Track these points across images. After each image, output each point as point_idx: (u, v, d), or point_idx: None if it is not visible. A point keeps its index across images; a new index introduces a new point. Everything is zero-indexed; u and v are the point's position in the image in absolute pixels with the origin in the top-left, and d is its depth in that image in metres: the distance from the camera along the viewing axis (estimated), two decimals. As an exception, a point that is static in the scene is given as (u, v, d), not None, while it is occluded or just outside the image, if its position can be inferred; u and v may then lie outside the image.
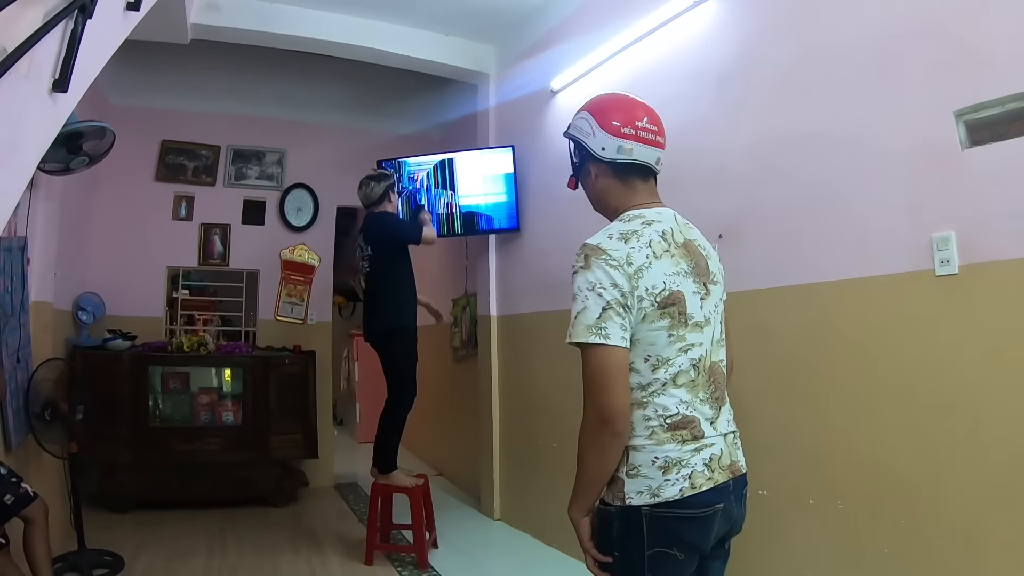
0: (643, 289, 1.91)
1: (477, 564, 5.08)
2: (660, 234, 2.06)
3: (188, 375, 6.42)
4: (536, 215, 5.59)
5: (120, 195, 6.76)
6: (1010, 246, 2.55)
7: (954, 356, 2.74)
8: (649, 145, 2.20)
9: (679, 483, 1.90)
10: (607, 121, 2.20)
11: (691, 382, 1.99)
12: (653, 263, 1.96)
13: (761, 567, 3.58)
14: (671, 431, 1.94)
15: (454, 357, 7.42)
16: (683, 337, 1.97)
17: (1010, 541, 2.56)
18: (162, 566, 4.76)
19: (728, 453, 2.09)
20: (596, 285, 1.95)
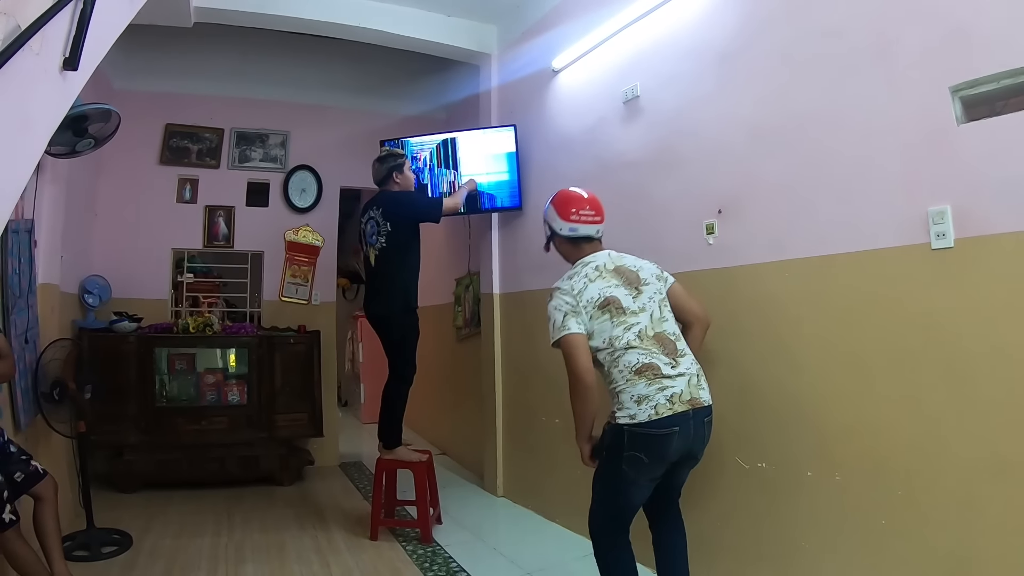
0: (584, 302, 3.15)
1: (480, 539, 5.13)
2: (594, 268, 3.28)
3: (194, 356, 6.46)
4: (538, 193, 5.59)
5: (124, 179, 6.80)
6: (1005, 220, 2.58)
7: (950, 329, 2.77)
8: (589, 223, 3.42)
9: (647, 411, 2.95)
10: (563, 212, 3.45)
11: (640, 345, 3.08)
12: (588, 285, 3.19)
13: (760, 538, 3.64)
14: (638, 375, 3.01)
15: (457, 336, 7.46)
16: (624, 321, 3.12)
17: (1006, 513, 2.60)
18: (170, 544, 4.82)
19: (689, 391, 3.05)
20: (558, 307, 3.19)
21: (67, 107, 2.62)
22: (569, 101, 5.26)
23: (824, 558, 3.31)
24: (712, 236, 3.91)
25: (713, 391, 3.72)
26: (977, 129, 2.69)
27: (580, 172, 5.02)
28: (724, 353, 3.83)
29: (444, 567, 4.49)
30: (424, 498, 5.04)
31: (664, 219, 4.26)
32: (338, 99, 7.67)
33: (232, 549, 4.80)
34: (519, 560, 4.57)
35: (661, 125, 4.31)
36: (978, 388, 2.69)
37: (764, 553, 3.63)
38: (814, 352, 3.35)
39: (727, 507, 3.81)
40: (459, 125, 6.48)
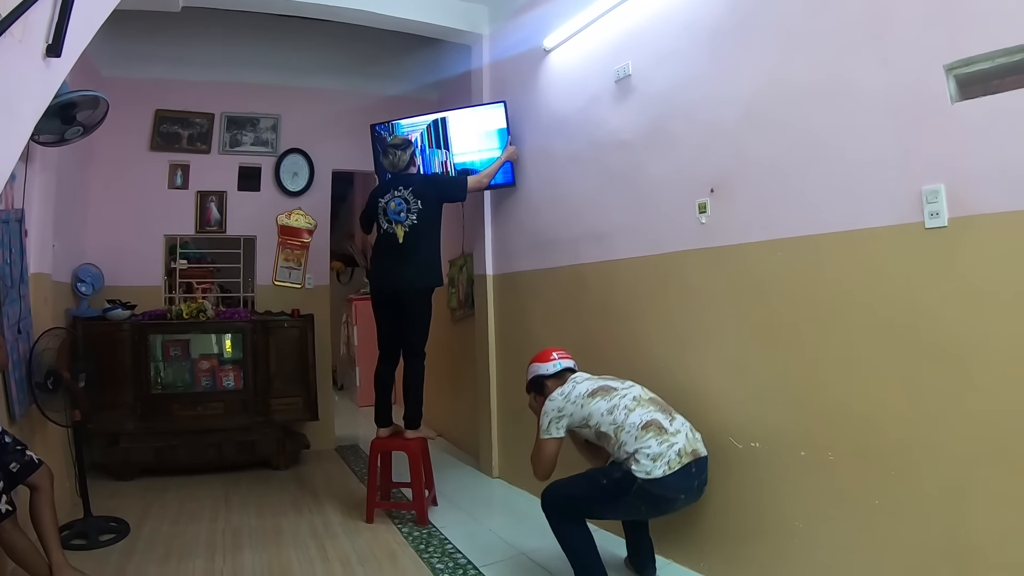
0: (574, 397, 3.69)
1: (476, 520, 5.15)
2: (584, 376, 3.86)
3: (188, 342, 6.44)
4: (531, 171, 5.62)
5: (115, 166, 6.76)
6: (999, 199, 2.57)
7: (944, 309, 2.76)
8: (567, 359, 4.05)
9: (663, 467, 3.32)
10: (545, 360, 4.01)
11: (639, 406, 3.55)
12: (577, 386, 3.74)
13: (752, 518, 3.65)
14: (645, 429, 3.42)
15: (452, 317, 7.45)
16: (618, 393, 3.65)
17: (999, 494, 2.61)
18: (167, 530, 4.83)
19: (688, 444, 3.45)
20: (546, 412, 3.72)
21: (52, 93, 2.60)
22: (561, 80, 5.23)
23: (817, 537, 3.32)
24: (704, 215, 3.89)
25: (705, 370, 3.76)
26: (971, 108, 2.66)
27: (572, 152, 5.02)
28: (716, 332, 3.84)
29: (440, 548, 4.52)
30: (419, 480, 5.06)
31: (656, 198, 4.24)
32: (329, 81, 7.62)
33: (229, 534, 4.82)
34: (515, 540, 4.59)
35: (653, 104, 4.28)
36: (971, 370, 2.68)
37: (757, 532, 3.64)
38: (806, 332, 3.34)
39: (720, 486, 3.80)
40: (451, 105, 6.45)
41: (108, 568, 4.09)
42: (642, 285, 4.38)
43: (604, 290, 4.72)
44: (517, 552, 4.41)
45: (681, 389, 4.03)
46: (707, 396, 3.90)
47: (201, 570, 4.18)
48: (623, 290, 4.54)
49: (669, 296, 4.17)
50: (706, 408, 3.90)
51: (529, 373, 4.03)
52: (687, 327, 4.04)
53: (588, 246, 4.87)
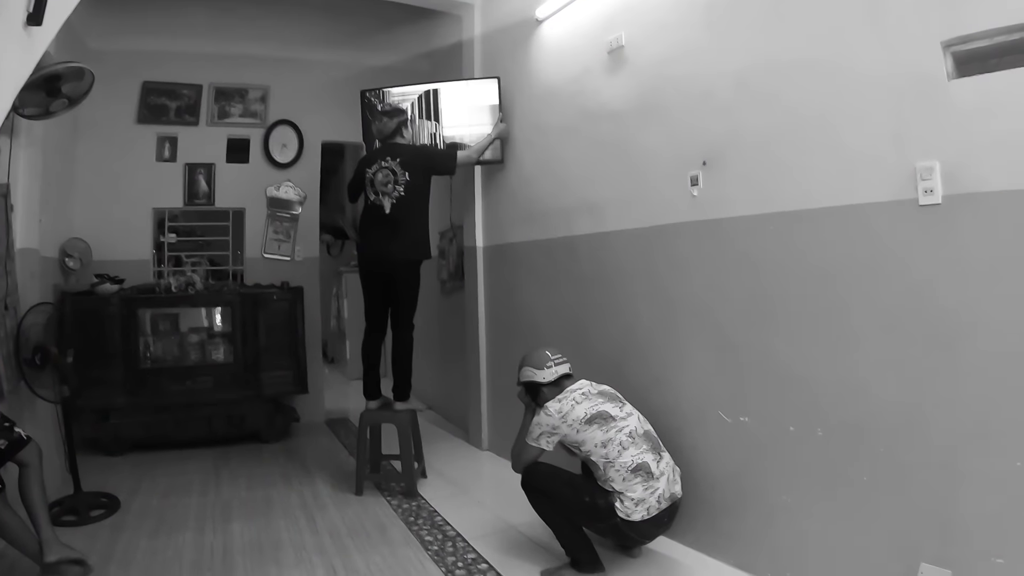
0: (570, 421, 3.59)
1: (465, 492, 5.18)
2: (581, 393, 3.72)
3: (177, 316, 6.44)
4: (522, 145, 5.57)
5: (102, 139, 6.70)
6: (993, 178, 2.56)
7: (936, 286, 2.76)
8: (563, 364, 3.88)
9: (642, 512, 3.44)
10: (541, 365, 3.84)
11: (633, 444, 3.55)
12: (575, 407, 3.63)
13: (740, 492, 3.68)
14: (634, 474, 3.48)
15: (441, 290, 7.46)
16: (615, 425, 3.58)
17: (986, 474, 2.63)
18: (157, 504, 4.84)
19: (667, 488, 3.54)
20: (539, 424, 3.67)
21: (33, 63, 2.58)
22: (553, 51, 5.17)
23: (805, 512, 3.34)
24: (696, 188, 3.86)
25: (695, 343, 3.75)
26: (968, 85, 2.64)
27: (564, 123, 4.98)
28: (706, 306, 3.83)
29: (429, 521, 4.54)
30: (409, 453, 5.07)
31: (648, 170, 4.21)
32: (318, 52, 7.53)
33: (219, 507, 4.84)
34: (503, 513, 4.62)
35: (646, 76, 4.24)
36: (961, 348, 2.69)
37: (745, 506, 3.66)
38: (797, 306, 3.33)
39: (709, 461, 3.83)
40: (442, 76, 6.40)
41: (99, 543, 4.09)
42: (634, 257, 4.36)
43: (595, 262, 4.70)
44: (506, 525, 4.43)
45: (671, 363, 4.05)
46: (697, 370, 3.90)
47: (191, 543, 4.20)
48: (615, 262, 4.52)
49: (660, 269, 4.15)
50: (696, 382, 3.91)
51: (523, 374, 3.91)
52: (678, 300, 4.02)
53: (579, 218, 4.84)
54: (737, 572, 3.66)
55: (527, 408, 3.94)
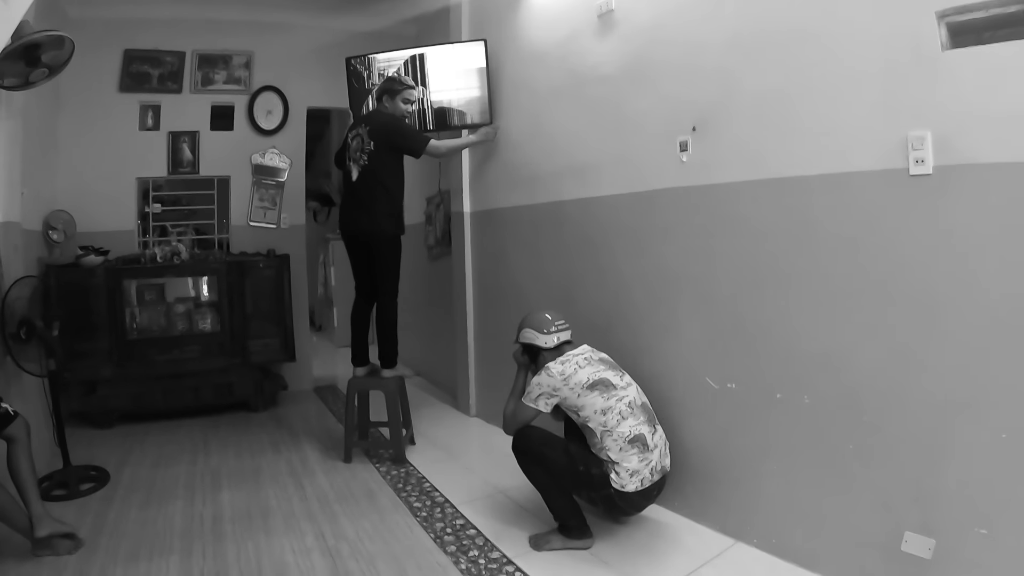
0: (572, 384, 3.55)
1: (453, 458, 5.20)
2: (583, 357, 3.67)
3: (163, 286, 6.40)
4: (510, 109, 5.53)
5: (84, 109, 6.60)
6: (985, 150, 2.55)
7: (925, 256, 2.77)
8: (565, 331, 3.84)
9: (636, 483, 3.43)
10: (545, 329, 3.81)
11: (631, 415, 3.52)
12: (578, 371, 3.57)
13: (727, 458, 3.70)
14: (631, 444, 3.45)
15: (429, 256, 7.44)
16: (615, 394, 3.54)
17: (972, 445, 2.65)
18: (147, 475, 4.85)
19: (659, 460, 3.56)
20: (539, 384, 3.61)
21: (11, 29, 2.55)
22: (541, 14, 5.09)
23: (791, 479, 3.37)
24: (685, 153, 3.83)
25: (684, 309, 3.75)
26: (962, 57, 2.62)
27: (552, 87, 4.93)
28: (694, 272, 3.83)
29: (417, 487, 4.56)
30: (396, 419, 5.08)
31: (638, 135, 4.18)
32: (303, 17, 7.40)
33: (208, 476, 4.85)
34: (491, 478, 4.64)
35: (636, 40, 4.18)
36: (948, 319, 2.70)
37: (731, 473, 3.70)
38: (786, 274, 3.33)
39: (696, 427, 3.85)
40: (428, 40, 6.33)
41: (89, 516, 4.10)
42: (622, 222, 4.34)
43: (584, 227, 4.68)
44: (494, 490, 4.46)
45: (659, 329, 4.06)
46: (685, 336, 3.90)
47: (181, 512, 4.21)
48: (603, 227, 4.50)
49: (649, 234, 4.13)
50: (684, 347, 3.91)
51: (523, 335, 3.87)
52: (667, 266, 4.01)
53: (568, 182, 4.81)
54: (723, 538, 3.69)
55: (520, 368, 3.95)
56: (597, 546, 3.65)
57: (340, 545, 3.75)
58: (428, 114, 5.80)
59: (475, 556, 3.60)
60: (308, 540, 3.82)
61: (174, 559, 3.58)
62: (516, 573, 3.40)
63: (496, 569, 3.45)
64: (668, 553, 3.59)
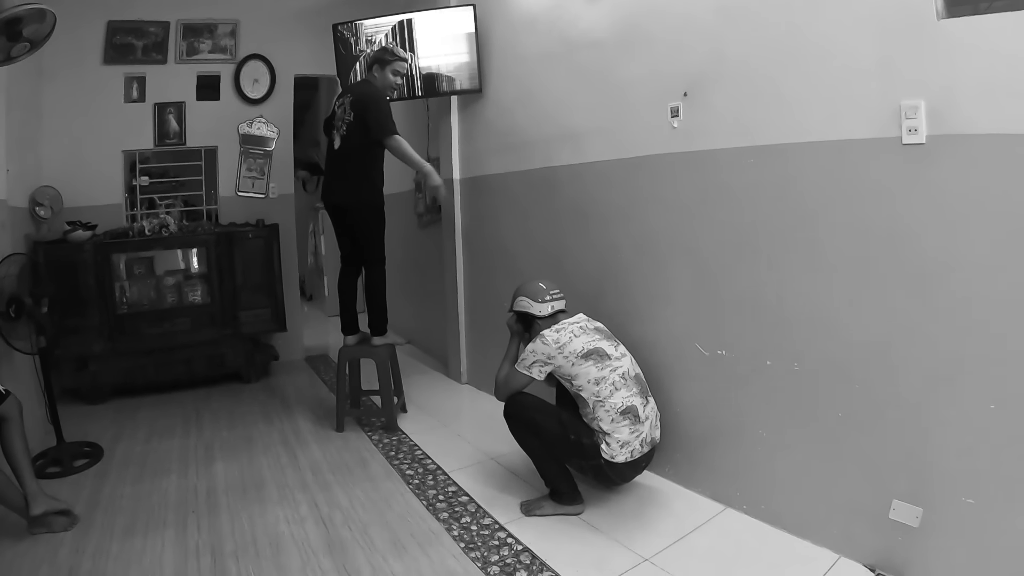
0: (567, 352, 3.53)
1: (445, 425, 5.22)
2: (578, 326, 3.67)
3: (152, 259, 6.36)
4: (499, 75, 5.49)
5: (68, 83, 6.51)
6: (979, 120, 2.54)
7: (916, 226, 2.77)
8: (560, 300, 3.85)
9: (626, 455, 3.47)
10: (539, 298, 3.82)
11: (625, 386, 3.53)
12: (574, 340, 3.57)
13: (717, 424, 3.73)
14: (623, 415, 3.47)
15: (419, 223, 7.42)
16: (609, 364, 3.54)
17: (960, 415, 2.67)
18: (140, 449, 4.86)
19: (650, 432, 3.59)
20: (534, 352, 3.60)
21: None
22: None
23: (780, 446, 3.40)
24: (676, 119, 3.82)
25: (675, 275, 3.75)
26: (957, 26, 2.59)
27: (542, 52, 4.89)
28: (684, 238, 3.83)
29: (409, 455, 4.59)
30: (388, 387, 5.09)
31: (628, 101, 4.16)
32: (288, -19, 7.34)
33: (202, 448, 4.87)
34: (483, 445, 4.68)
35: (627, 4, 4.15)
36: (939, 289, 2.71)
37: (721, 439, 3.72)
38: (777, 241, 3.33)
39: (686, 394, 3.87)
40: (418, 5, 6.26)
41: (84, 492, 4.11)
42: (613, 188, 4.32)
43: (574, 193, 4.67)
44: (486, 457, 4.49)
45: (650, 295, 4.06)
46: (676, 302, 3.91)
47: (175, 485, 4.22)
48: (594, 193, 4.49)
49: (640, 200, 4.12)
50: (674, 314, 3.92)
51: (517, 303, 3.89)
52: (658, 232, 4.01)
53: (559, 148, 4.79)
54: (713, 504, 3.73)
55: (514, 336, 3.96)
56: (588, 512, 3.68)
57: (333, 514, 3.78)
58: (417, 80, 5.75)
59: (467, 522, 3.63)
60: (302, 509, 3.84)
61: (169, 532, 3.60)
62: (508, 539, 3.44)
63: (488, 535, 3.48)
64: (658, 519, 3.62)
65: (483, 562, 3.22)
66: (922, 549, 2.80)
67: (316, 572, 3.18)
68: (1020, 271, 2.47)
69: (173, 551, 3.40)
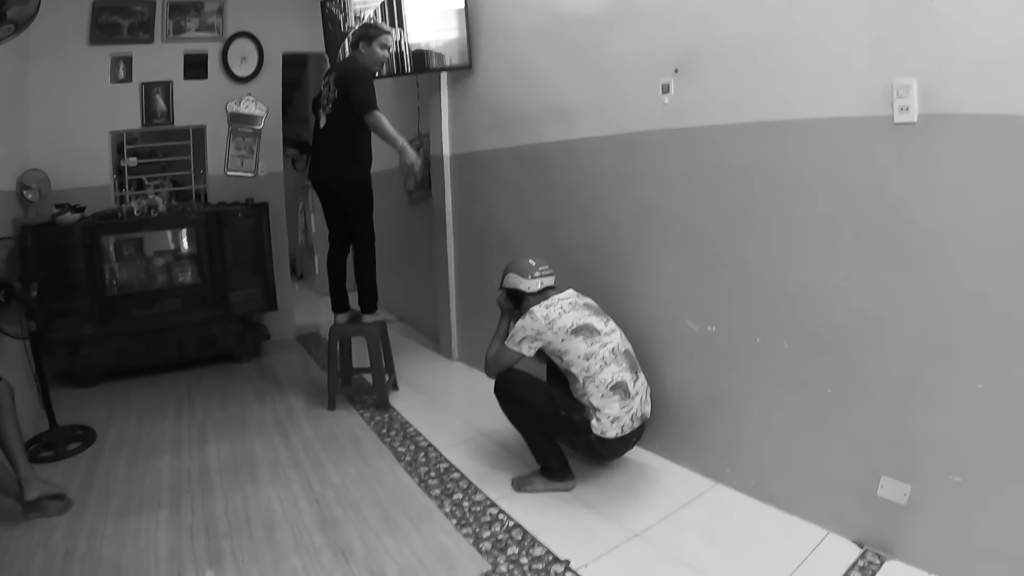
0: (557, 328, 3.55)
1: (436, 402, 5.25)
2: (568, 302, 3.68)
3: (141, 240, 6.32)
4: (489, 51, 5.45)
5: (54, 64, 6.43)
6: (970, 100, 2.54)
7: (907, 205, 2.77)
8: (549, 276, 3.86)
9: (616, 430, 3.48)
10: (528, 274, 3.83)
11: (614, 362, 3.53)
12: (563, 315, 3.58)
13: (707, 401, 3.75)
14: (613, 391, 3.47)
15: (409, 200, 7.40)
16: (599, 340, 3.55)
17: (948, 393, 2.69)
18: (133, 431, 4.86)
19: (640, 407, 3.59)
20: (523, 328, 3.62)
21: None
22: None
23: (770, 422, 3.42)
24: (667, 96, 3.80)
25: (665, 252, 3.77)
26: (951, 4, 2.58)
27: (533, 28, 4.86)
28: (675, 214, 3.83)
29: (401, 432, 4.62)
30: (379, 365, 5.10)
31: (619, 77, 4.13)
32: (277, -43, 7.27)
33: (194, 429, 4.88)
34: (474, 422, 4.71)
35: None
36: (929, 268, 2.72)
37: (711, 415, 3.74)
38: (768, 218, 3.33)
39: (677, 370, 3.89)
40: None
41: (78, 476, 4.11)
42: (605, 164, 4.31)
43: (566, 169, 4.65)
44: (477, 434, 4.51)
45: (641, 272, 4.07)
46: (667, 278, 3.91)
47: (168, 466, 4.24)
48: (585, 169, 4.47)
49: (632, 176, 4.11)
50: (665, 290, 3.92)
51: (507, 280, 3.90)
52: (650, 208, 4.00)
53: (550, 124, 4.77)
54: (703, 479, 3.76)
55: (504, 313, 3.97)
56: (579, 488, 3.71)
57: (326, 492, 3.80)
58: (406, 57, 5.71)
59: (459, 499, 3.66)
60: (295, 488, 3.86)
61: (163, 513, 3.62)
62: (500, 515, 3.46)
63: (480, 511, 3.51)
64: (649, 494, 3.65)
65: (475, 538, 3.25)
66: (910, 526, 2.84)
67: (309, 550, 3.20)
68: (1011, 251, 2.47)
69: (167, 532, 3.42)
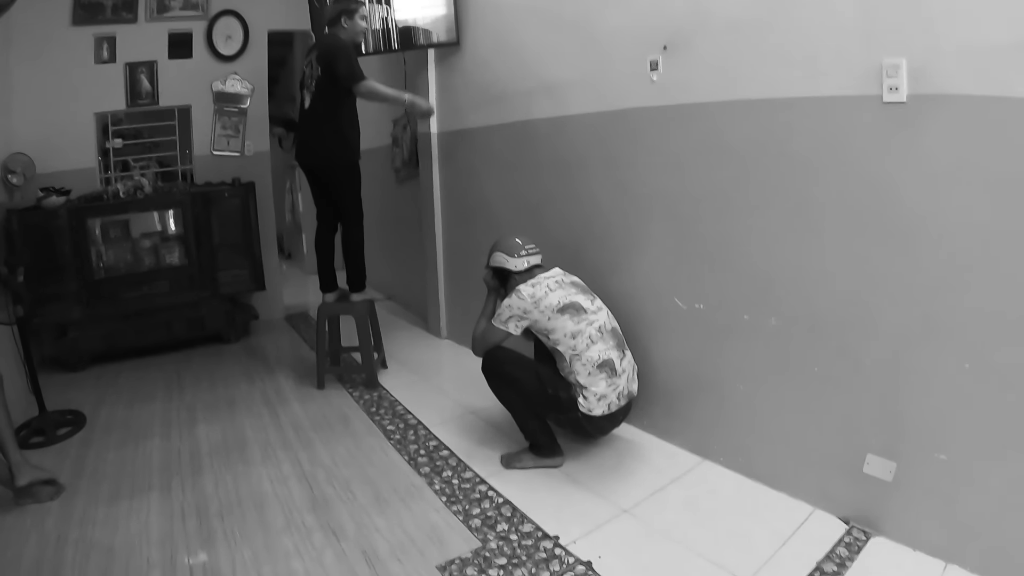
0: (543, 307, 3.56)
1: (425, 380, 5.26)
2: (554, 281, 3.68)
3: (128, 222, 6.28)
4: (477, 27, 5.40)
5: (37, 46, 6.34)
6: (960, 81, 2.54)
7: (896, 185, 2.78)
8: (536, 255, 3.86)
9: (603, 407, 3.51)
10: (515, 253, 3.82)
11: (601, 340, 3.54)
12: (549, 294, 3.58)
13: (694, 377, 3.77)
14: (600, 369, 3.49)
15: (396, 178, 7.38)
16: (585, 318, 3.55)
17: (934, 373, 2.72)
18: (122, 415, 4.86)
19: (627, 385, 3.61)
20: (510, 306, 3.63)
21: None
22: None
23: (756, 400, 3.44)
24: (656, 73, 3.78)
25: (654, 229, 3.76)
26: None
27: (522, 3, 4.83)
28: (665, 191, 3.83)
29: (390, 410, 4.64)
30: (368, 344, 5.11)
31: (607, 53, 4.11)
32: (261, -67, 7.18)
33: (184, 411, 4.89)
34: (463, 400, 4.73)
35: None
36: (917, 248, 2.73)
37: (698, 392, 3.77)
38: (756, 195, 3.34)
39: (665, 347, 3.91)
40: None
41: (68, 460, 4.12)
42: (594, 141, 4.30)
43: (554, 146, 4.64)
44: (466, 411, 4.54)
45: (629, 249, 4.08)
46: (655, 256, 3.92)
47: (158, 448, 4.25)
48: (574, 146, 4.46)
49: (621, 153, 4.10)
50: (653, 267, 3.93)
51: (493, 259, 3.90)
52: (639, 186, 4.00)
53: (538, 101, 4.75)
54: (691, 456, 3.79)
55: (490, 292, 3.98)
56: (568, 464, 3.74)
57: (316, 471, 3.82)
58: (393, 33, 5.65)
59: (448, 476, 3.69)
60: (285, 468, 3.88)
61: (154, 495, 3.63)
62: (489, 492, 3.49)
63: (469, 488, 3.54)
64: (637, 470, 3.68)
65: (465, 515, 3.28)
66: (895, 503, 2.87)
67: (300, 529, 3.23)
68: (997, 232, 2.49)
69: (159, 514, 3.43)
